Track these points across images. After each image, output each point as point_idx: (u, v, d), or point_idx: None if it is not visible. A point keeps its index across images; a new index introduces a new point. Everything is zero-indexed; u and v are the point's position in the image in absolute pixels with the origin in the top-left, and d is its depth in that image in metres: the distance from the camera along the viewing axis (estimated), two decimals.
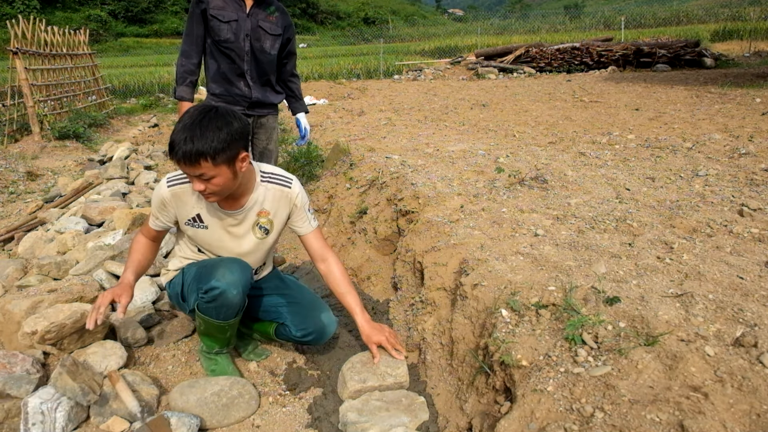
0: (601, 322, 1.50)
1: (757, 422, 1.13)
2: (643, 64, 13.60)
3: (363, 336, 1.98)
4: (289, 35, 2.95)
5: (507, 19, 46.12)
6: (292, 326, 2.06)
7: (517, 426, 1.34)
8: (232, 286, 1.83)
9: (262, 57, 2.84)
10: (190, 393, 1.84)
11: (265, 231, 1.98)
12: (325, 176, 4.21)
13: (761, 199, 2.53)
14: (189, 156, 1.63)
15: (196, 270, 1.95)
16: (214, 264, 1.89)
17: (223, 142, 1.65)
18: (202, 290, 1.85)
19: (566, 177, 3.10)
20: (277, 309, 2.11)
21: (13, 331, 2.05)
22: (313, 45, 39.65)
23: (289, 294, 2.13)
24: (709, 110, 5.60)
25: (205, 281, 1.85)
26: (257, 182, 1.92)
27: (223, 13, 2.72)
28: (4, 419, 1.68)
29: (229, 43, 2.76)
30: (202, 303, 1.88)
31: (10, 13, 35.98)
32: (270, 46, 2.85)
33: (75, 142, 7.04)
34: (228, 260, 1.91)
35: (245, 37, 2.77)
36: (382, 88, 11.65)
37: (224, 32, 2.74)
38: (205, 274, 1.87)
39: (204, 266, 1.93)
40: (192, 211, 1.90)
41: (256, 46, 2.80)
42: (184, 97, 2.81)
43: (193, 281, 1.94)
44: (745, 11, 27.38)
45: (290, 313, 2.08)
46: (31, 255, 3.16)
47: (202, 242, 2.00)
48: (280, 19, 2.86)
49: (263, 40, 2.81)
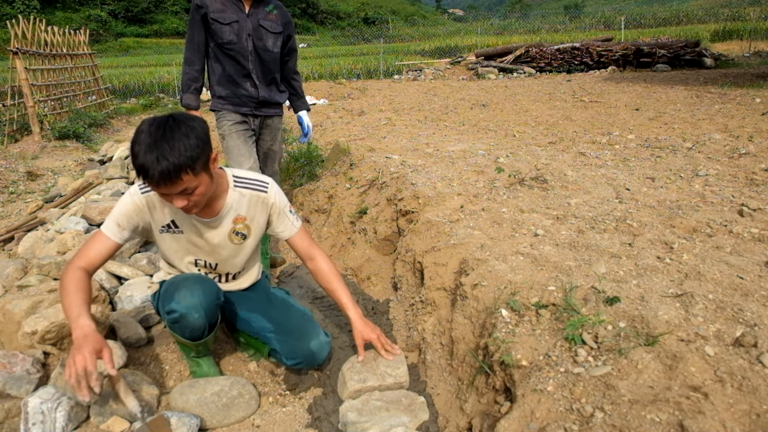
0: (601, 322, 1.50)
1: (757, 422, 1.13)
2: (643, 64, 13.60)
3: (354, 331, 1.95)
4: (290, 32, 2.97)
5: (507, 19, 46.14)
6: (282, 355, 2.03)
7: (517, 426, 1.34)
8: (192, 309, 1.79)
9: (265, 56, 2.84)
10: (190, 393, 1.84)
11: (243, 236, 1.95)
12: (325, 176, 4.21)
13: (761, 199, 2.52)
14: (168, 174, 1.50)
15: (165, 287, 1.91)
16: (176, 284, 1.84)
17: (196, 148, 1.55)
18: (165, 310, 1.84)
19: (566, 177, 3.10)
20: (266, 335, 2.06)
21: (13, 331, 2.05)
22: (313, 45, 39.66)
23: (276, 319, 2.06)
24: (709, 110, 5.60)
25: (167, 302, 1.82)
26: (230, 186, 1.86)
27: (223, 15, 2.72)
28: (4, 419, 1.68)
29: (233, 44, 2.76)
30: (167, 323, 1.88)
31: (10, 13, 35.97)
32: (272, 45, 2.86)
33: (75, 142, 7.04)
34: (191, 281, 1.84)
35: (247, 37, 2.77)
36: (382, 88, 11.65)
37: (226, 34, 2.74)
38: (168, 294, 1.84)
39: (170, 284, 1.88)
40: (166, 218, 1.84)
41: (259, 45, 2.81)
42: (191, 105, 2.81)
43: (160, 299, 1.91)
44: (745, 11, 27.40)
45: (278, 341, 2.03)
46: (31, 255, 3.16)
47: (177, 249, 1.93)
48: (280, 17, 2.87)
49: (265, 38, 2.82)
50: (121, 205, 1.78)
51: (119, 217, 1.77)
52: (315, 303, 2.73)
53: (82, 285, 1.66)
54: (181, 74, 2.84)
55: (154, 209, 1.81)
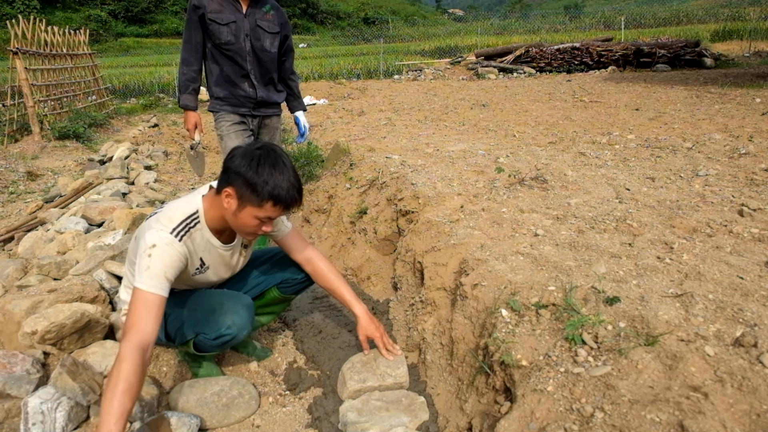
0: (601, 322, 1.50)
1: (757, 422, 1.13)
2: (643, 64, 13.60)
3: (359, 327, 1.97)
4: (287, 32, 2.97)
5: (507, 19, 46.15)
6: (290, 275, 2.11)
7: (517, 426, 1.34)
8: (243, 329, 1.84)
9: (263, 56, 2.85)
10: (190, 393, 1.84)
11: (245, 246, 1.97)
12: (325, 176, 4.21)
13: (761, 199, 2.52)
14: (297, 202, 1.69)
15: (188, 314, 1.86)
16: (215, 309, 1.82)
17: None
18: (210, 337, 1.82)
19: (566, 177, 3.10)
20: (267, 273, 2.13)
21: (13, 331, 2.05)
22: (313, 45, 39.64)
23: (265, 257, 2.15)
24: (709, 110, 5.60)
25: (212, 329, 1.80)
26: None
27: (221, 15, 2.72)
28: (4, 419, 1.68)
29: (231, 44, 2.76)
30: (207, 343, 1.85)
31: (10, 13, 35.96)
32: (270, 45, 2.86)
33: (75, 142, 7.04)
34: (230, 302, 1.85)
35: (245, 37, 2.77)
36: (382, 88, 11.65)
37: (224, 34, 2.74)
38: (209, 321, 1.82)
39: (202, 311, 1.84)
40: (197, 259, 1.80)
41: (257, 45, 2.81)
42: (189, 106, 2.84)
43: (187, 326, 1.85)
44: (745, 11, 27.40)
45: (280, 266, 2.11)
46: (31, 255, 3.16)
47: (200, 285, 1.93)
48: (277, 17, 2.88)
49: (263, 39, 2.82)
50: (165, 257, 1.64)
51: (167, 270, 1.63)
52: (315, 303, 2.73)
53: (134, 381, 1.45)
54: (178, 75, 2.84)
55: (191, 253, 1.75)
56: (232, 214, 1.69)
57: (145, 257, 1.62)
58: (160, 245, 1.64)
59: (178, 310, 1.86)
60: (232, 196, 1.66)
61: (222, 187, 1.68)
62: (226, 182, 1.67)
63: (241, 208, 1.66)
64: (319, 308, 2.66)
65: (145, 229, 1.69)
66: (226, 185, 1.67)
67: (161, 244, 1.64)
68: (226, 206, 1.69)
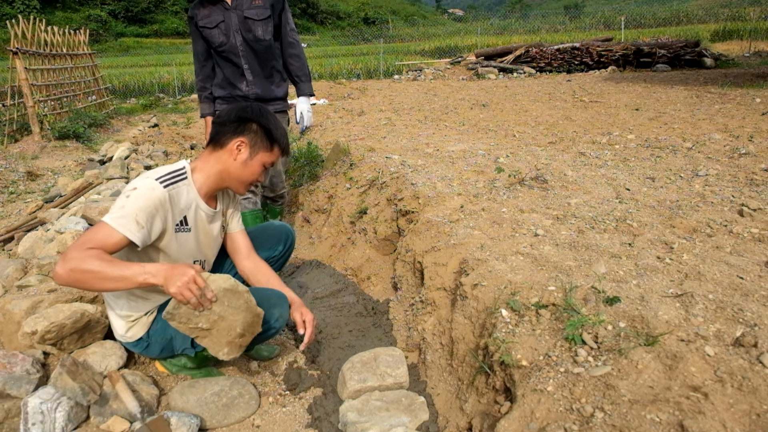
0: (601, 322, 1.50)
1: (757, 422, 1.13)
2: (643, 64, 13.59)
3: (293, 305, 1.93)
4: (281, 9, 2.84)
5: (507, 19, 46.15)
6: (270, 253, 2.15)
7: (517, 426, 1.34)
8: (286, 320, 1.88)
9: (257, 46, 2.81)
10: (190, 393, 1.84)
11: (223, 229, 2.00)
12: (325, 176, 4.21)
13: (761, 199, 2.52)
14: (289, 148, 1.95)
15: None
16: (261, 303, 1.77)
17: None
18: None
19: (566, 177, 3.10)
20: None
21: (13, 331, 2.05)
22: (313, 45, 39.65)
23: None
24: (709, 110, 5.59)
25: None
26: None
27: (209, 19, 2.76)
28: (4, 419, 1.68)
29: (223, 45, 2.78)
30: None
31: (10, 13, 35.95)
32: (263, 32, 2.79)
33: (75, 142, 7.03)
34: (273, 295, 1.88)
35: (235, 32, 2.76)
36: (382, 88, 11.64)
37: (216, 37, 2.77)
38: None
39: None
40: (180, 214, 1.75)
41: (249, 37, 2.77)
42: (203, 113, 2.98)
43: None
44: (745, 11, 27.38)
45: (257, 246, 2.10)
46: (31, 255, 3.16)
47: (182, 252, 1.80)
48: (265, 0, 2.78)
49: (254, 28, 2.77)
50: (141, 200, 1.58)
51: (139, 213, 1.56)
52: (315, 303, 2.73)
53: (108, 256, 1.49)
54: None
55: (175, 205, 1.70)
56: (242, 164, 1.79)
57: (123, 198, 1.60)
58: (140, 188, 1.61)
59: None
60: (245, 144, 1.79)
61: (229, 139, 1.79)
62: (235, 133, 1.79)
63: (253, 155, 1.80)
64: (319, 308, 2.66)
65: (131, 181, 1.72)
66: (235, 136, 1.78)
67: (142, 188, 1.61)
68: (234, 158, 1.79)
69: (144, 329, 1.84)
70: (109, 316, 1.89)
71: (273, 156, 1.86)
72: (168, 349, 1.89)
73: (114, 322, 1.86)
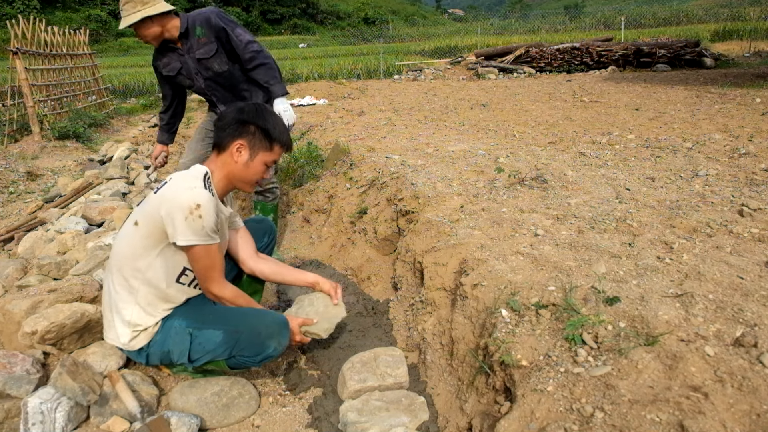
0: (601, 322, 1.50)
1: (757, 422, 1.13)
2: (643, 64, 13.59)
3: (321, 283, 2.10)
4: (227, 34, 2.73)
5: (507, 19, 46.17)
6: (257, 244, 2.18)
7: (517, 426, 1.34)
8: (284, 347, 1.86)
9: (219, 79, 2.88)
10: (190, 393, 1.84)
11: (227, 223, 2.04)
12: (325, 176, 4.20)
13: (761, 199, 2.52)
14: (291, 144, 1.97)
15: (228, 337, 1.78)
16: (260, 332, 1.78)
17: None
18: (252, 357, 1.80)
19: (566, 177, 3.10)
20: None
21: (13, 331, 2.05)
22: (313, 45, 39.64)
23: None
24: (709, 110, 5.59)
25: (256, 351, 1.78)
26: None
27: (170, 67, 2.85)
28: (4, 419, 1.68)
29: (192, 87, 2.93)
30: (245, 362, 1.83)
31: (10, 13, 35.93)
32: (219, 65, 2.82)
33: (75, 142, 7.03)
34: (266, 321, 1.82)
35: (196, 75, 2.86)
36: (382, 88, 11.64)
37: (183, 81, 2.92)
38: (253, 344, 1.78)
39: (248, 334, 1.78)
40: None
41: (208, 75, 2.85)
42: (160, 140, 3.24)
43: (224, 349, 1.79)
44: (745, 11, 27.40)
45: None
46: (31, 255, 3.16)
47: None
48: (209, 33, 2.73)
49: (210, 64, 2.82)
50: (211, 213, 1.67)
51: (209, 227, 1.68)
52: None
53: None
54: None
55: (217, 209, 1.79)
56: (244, 165, 1.82)
57: (195, 218, 1.64)
58: (204, 204, 1.66)
59: (209, 332, 1.79)
60: (244, 147, 1.80)
61: (229, 143, 1.80)
62: (234, 136, 1.80)
63: (253, 156, 1.82)
64: None
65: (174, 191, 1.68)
66: (234, 139, 1.80)
67: (205, 202, 1.67)
68: (236, 159, 1.80)
69: (147, 339, 1.82)
70: (113, 321, 1.82)
71: (274, 154, 1.87)
72: (166, 360, 1.87)
73: (118, 329, 1.81)
